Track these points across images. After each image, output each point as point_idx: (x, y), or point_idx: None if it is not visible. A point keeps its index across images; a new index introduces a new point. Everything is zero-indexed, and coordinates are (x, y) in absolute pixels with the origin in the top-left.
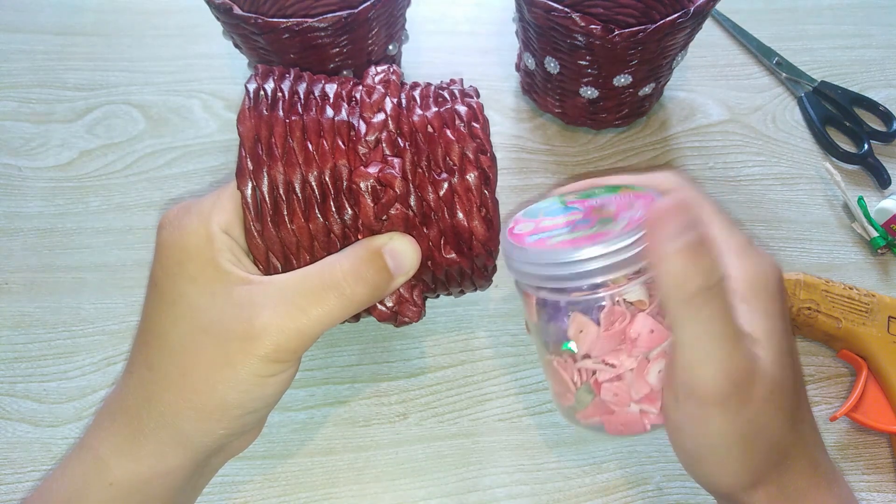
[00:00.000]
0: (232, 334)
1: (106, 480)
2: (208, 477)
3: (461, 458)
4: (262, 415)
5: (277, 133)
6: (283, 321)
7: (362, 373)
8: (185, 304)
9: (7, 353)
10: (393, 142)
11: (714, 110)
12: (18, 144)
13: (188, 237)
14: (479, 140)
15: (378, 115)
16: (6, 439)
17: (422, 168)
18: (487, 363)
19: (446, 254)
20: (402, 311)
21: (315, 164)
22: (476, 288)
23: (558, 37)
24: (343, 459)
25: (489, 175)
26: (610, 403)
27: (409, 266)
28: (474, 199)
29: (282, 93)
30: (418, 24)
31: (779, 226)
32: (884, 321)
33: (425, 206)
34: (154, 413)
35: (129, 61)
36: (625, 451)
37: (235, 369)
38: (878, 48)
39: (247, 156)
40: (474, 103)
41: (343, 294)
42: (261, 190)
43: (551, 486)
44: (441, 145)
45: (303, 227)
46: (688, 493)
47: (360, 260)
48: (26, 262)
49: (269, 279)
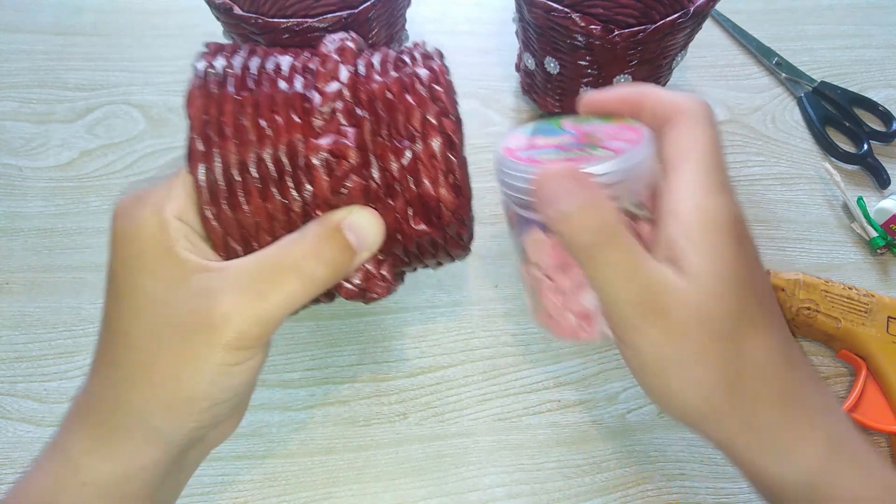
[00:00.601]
0: (193, 325)
1: (79, 481)
2: (190, 470)
3: (461, 457)
4: (235, 404)
5: (227, 111)
6: (243, 308)
7: (362, 372)
8: (143, 297)
9: (8, 352)
10: (350, 111)
11: (714, 110)
12: (19, 144)
13: (142, 228)
14: (442, 103)
15: (332, 84)
16: (7, 439)
17: (382, 137)
18: (487, 363)
19: (416, 225)
20: (369, 287)
21: (269, 140)
22: (453, 258)
23: (558, 37)
24: (343, 459)
25: (454, 139)
26: (551, 311)
27: (371, 241)
28: (439, 165)
29: (232, 69)
30: (418, 24)
31: (778, 226)
32: (883, 321)
33: (388, 176)
34: (122, 411)
35: (129, 61)
36: (624, 451)
37: (199, 361)
38: (878, 48)
39: (196, 137)
40: (436, 65)
41: (303, 275)
42: (213, 172)
43: (551, 486)
44: (401, 111)
45: (260, 207)
46: (687, 492)
47: (319, 238)
48: (27, 261)
49: (226, 265)
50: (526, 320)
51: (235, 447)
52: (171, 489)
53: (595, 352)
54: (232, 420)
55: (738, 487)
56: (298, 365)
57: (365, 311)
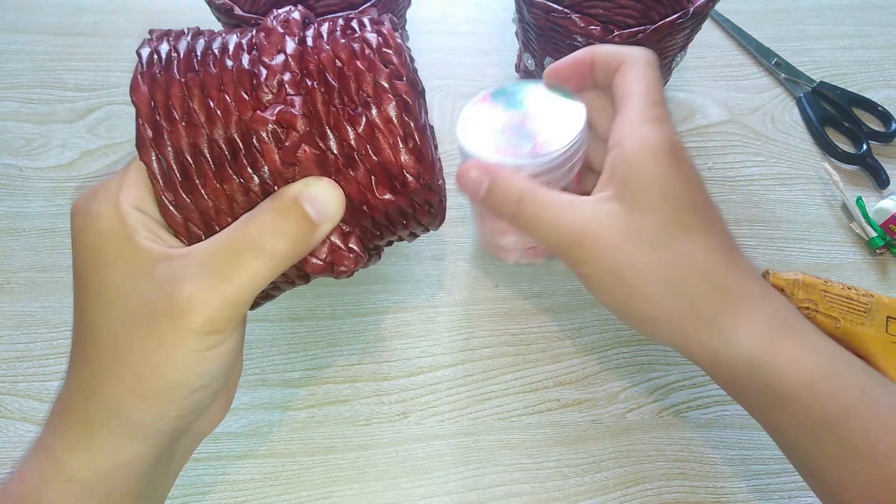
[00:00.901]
0: (160, 314)
1: (64, 478)
2: (181, 461)
3: (461, 456)
4: (215, 389)
5: (174, 94)
6: (207, 292)
7: (363, 372)
8: (109, 291)
9: (9, 352)
10: (298, 83)
11: (713, 111)
12: (20, 145)
13: (99, 221)
14: (393, 66)
15: (278, 56)
16: (8, 438)
17: (335, 106)
18: (487, 363)
19: (380, 195)
20: (336, 260)
21: (219, 120)
22: (425, 227)
23: (558, 38)
24: (344, 458)
25: (408, 101)
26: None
27: (332, 211)
28: (396, 130)
29: (177, 53)
30: (419, 25)
31: (777, 226)
32: (882, 321)
33: (346, 146)
34: (100, 406)
35: (130, 62)
36: (623, 451)
37: (170, 349)
38: (877, 49)
39: (144, 124)
40: (385, 29)
41: (263, 253)
42: (166, 158)
43: (550, 485)
44: (352, 78)
45: (217, 189)
46: (686, 491)
47: (276, 213)
48: (28, 261)
49: (188, 251)
50: (526, 320)
51: (236, 446)
52: (162, 481)
53: (595, 352)
54: (218, 406)
55: (737, 487)
56: (299, 364)
57: (365, 310)
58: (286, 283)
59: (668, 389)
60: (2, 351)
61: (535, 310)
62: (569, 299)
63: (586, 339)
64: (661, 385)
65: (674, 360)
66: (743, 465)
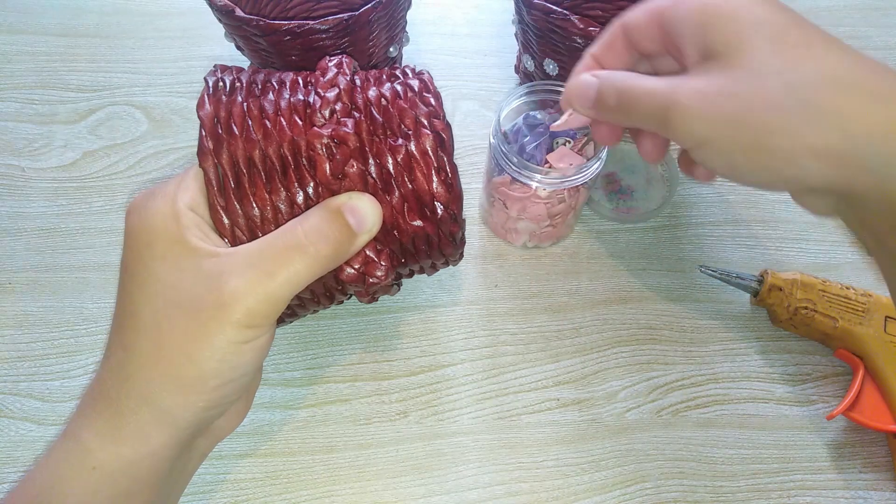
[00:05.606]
0: (203, 304)
1: (89, 465)
2: (196, 462)
3: (461, 455)
4: (243, 385)
5: (236, 113)
6: (251, 286)
7: (363, 371)
8: (155, 282)
9: (10, 352)
10: (348, 113)
11: None
12: (22, 145)
13: (154, 218)
14: (432, 107)
15: (332, 90)
16: (10, 438)
17: (378, 137)
18: (487, 362)
19: (411, 220)
20: (368, 271)
21: (274, 138)
22: (446, 259)
23: (557, 39)
24: (344, 457)
25: (444, 138)
26: (495, 220)
27: (370, 223)
28: (431, 161)
29: (240, 82)
30: (419, 27)
31: (776, 225)
32: (880, 321)
33: (384, 172)
34: (133, 392)
35: (131, 63)
36: (623, 450)
37: (210, 338)
38: (876, 49)
39: (207, 135)
40: (425, 77)
41: (307, 253)
42: (222, 166)
43: (550, 484)
44: (395, 114)
45: (265, 199)
46: (685, 491)
47: (321, 219)
48: (29, 261)
49: (234, 250)
50: (526, 320)
51: (237, 445)
52: (177, 479)
53: (594, 351)
54: (236, 410)
55: (736, 486)
56: (300, 364)
57: (366, 310)
58: (312, 301)
59: (666, 389)
60: (3, 351)
61: (535, 310)
62: (568, 299)
63: (585, 338)
64: (660, 384)
65: (673, 360)
66: (742, 465)
